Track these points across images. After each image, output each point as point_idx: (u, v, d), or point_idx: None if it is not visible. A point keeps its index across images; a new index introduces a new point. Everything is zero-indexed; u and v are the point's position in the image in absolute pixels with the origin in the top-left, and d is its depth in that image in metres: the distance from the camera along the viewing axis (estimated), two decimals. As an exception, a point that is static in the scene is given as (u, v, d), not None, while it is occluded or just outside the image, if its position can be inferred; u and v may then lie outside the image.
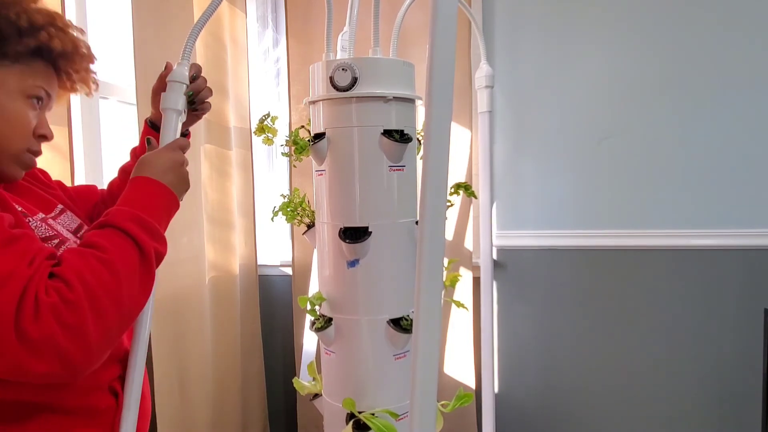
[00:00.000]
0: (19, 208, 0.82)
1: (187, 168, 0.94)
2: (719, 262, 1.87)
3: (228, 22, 2.05)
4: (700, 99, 1.86)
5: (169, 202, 0.87)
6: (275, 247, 2.41)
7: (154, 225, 0.80)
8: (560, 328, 2.03)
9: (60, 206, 0.95)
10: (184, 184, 0.92)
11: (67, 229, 0.91)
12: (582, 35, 1.94)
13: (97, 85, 0.96)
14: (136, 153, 1.09)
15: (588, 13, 1.93)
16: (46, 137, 0.87)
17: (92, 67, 0.93)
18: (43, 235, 0.82)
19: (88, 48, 0.91)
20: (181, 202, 0.93)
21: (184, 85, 1.00)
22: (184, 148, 0.96)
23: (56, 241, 0.83)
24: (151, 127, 1.07)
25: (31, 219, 0.83)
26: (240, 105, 2.16)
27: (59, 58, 0.86)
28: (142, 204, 0.82)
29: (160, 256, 0.81)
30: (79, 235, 0.93)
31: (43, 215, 0.88)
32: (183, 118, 1.02)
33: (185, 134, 1.09)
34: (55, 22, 0.83)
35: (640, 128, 1.91)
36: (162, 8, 1.68)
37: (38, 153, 0.88)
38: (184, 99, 1.00)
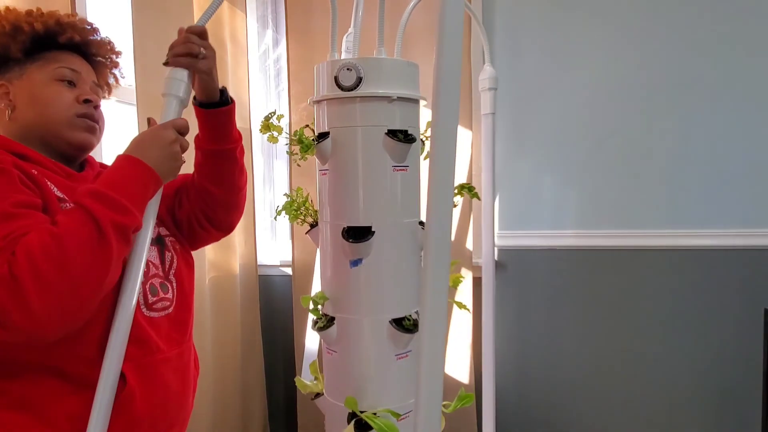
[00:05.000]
0: (59, 194, 0.89)
1: (183, 147, 0.96)
2: (719, 262, 1.88)
3: (228, 21, 2.04)
4: (700, 99, 1.86)
5: (143, 177, 0.88)
6: (275, 246, 2.41)
7: (114, 197, 0.82)
8: (560, 327, 2.03)
9: None
10: (171, 161, 0.93)
11: None
12: (582, 35, 1.95)
13: (114, 50, 1.09)
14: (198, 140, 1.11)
15: (588, 14, 1.94)
16: (90, 100, 0.98)
17: (99, 38, 1.06)
18: None
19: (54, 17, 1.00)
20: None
21: (186, 77, 0.99)
22: (179, 128, 0.95)
23: None
24: (199, 106, 1.06)
25: (68, 204, 0.89)
26: (240, 105, 2.15)
27: (59, 39, 0.98)
28: (110, 180, 0.85)
29: (120, 227, 0.82)
30: None
31: None
32: (186, 104, 1.01)
33: (222, 95, 1.07)
34: (59, 20, 0.98)
35: (640, 128, 1.91)
36: (162, 8, 1.68)
37: (91, 115, 0.99)
38: (186, 85, 0.99)
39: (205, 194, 1.10)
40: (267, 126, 1.31)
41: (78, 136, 0.97)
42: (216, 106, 1.06)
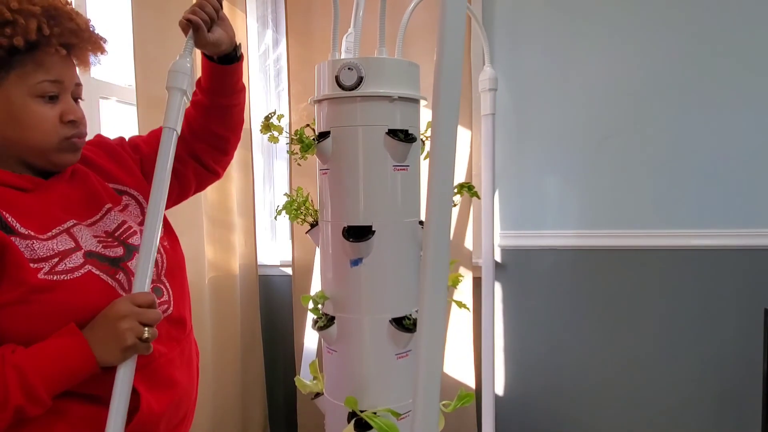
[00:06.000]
0: (24, 230, 0.83)
1: (129, 325, 0.83)
2: (719, 262, 1.88)
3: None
4: (701, 99, 1.87)
5: (75, 363, 0.81)
6: (275, 246, 2.41)
7: (35, 386, 0.78)
8: (560, 327, 2.04)
9: (108, 205, 0.97)
10: (116, 342, 0.82)
11: (97, 236, 0.93)
12: (582, 36, 1.95)
13: (96, 43, 0.95)
14: (200, 84, 1.11)
15: (588, 14, 1.94)
16: (74, 121, 0.89)
17: (70, 22, 0.89)
18: (44, 255, 0.84)
19: (55, 16, 0.87)
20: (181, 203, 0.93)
21: (190, 69, 0.99)
22: (139, 303, 0.84)
23: (56, 260, 0.84)
24: (209, 59, 1.07)
25: (35, 241, 0.84)
26: (240, 105, 2.15)
27: (39, 44, 0.85)
28: (43, 355, 0.80)
29: (21, 413, 0.79)
30: (116, 235, 0.95)
31: (74, 221, 0.91)
32: (187, 103, 1.02)
33: (236, 50, 1.08)
34: (4, 16, 0.81)
35: (641, 128, 1.91)
36: (162, 8, 1.68)
37: (79, 135, 0.91)
38: (189, 77, 0.99)
39: (212, 136, 1.12)
40: (267, 126, 1.31)
41: (65, 159, 0.91)
42: (225, 61, 1.07)
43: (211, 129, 1.12)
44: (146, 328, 0.83)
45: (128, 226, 0.98)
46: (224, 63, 1.07)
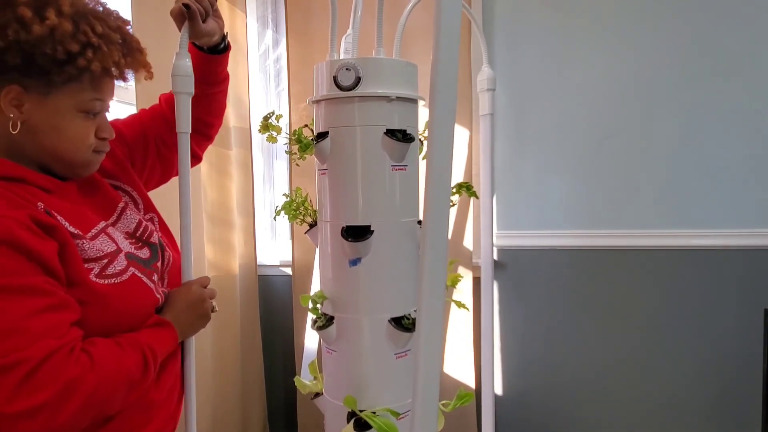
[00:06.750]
0: (73, 230, 0.85)
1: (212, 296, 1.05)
2: (719, 262, 1.87)
3: (228, 21, 2.05)
4: (700, 99, 1.86)
5: (172, 345, 0.96)
6: (275, 246, 2.41)
7: (158, 356, 0.90)
8: (559, 327, 2.04)
9: (121, 204, 0.99)
10: (202, 319, 1.03)
11: (126, 233, 0.95)
12: (582, 35, 1.95)
13: (150, 71, 0.97)
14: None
15: (588, 14, 1.94)
16: (105, 138, 0.92)
17: (140, 54, 0.93)
18: (94, 255, 0.86)
19: (130, 47, 0.90)
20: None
21: (190, 70, 1.02)
22: (204, 284, 1.05)
23: (105, 261, 0.86)
24: (198, 48, 1.10)
25: (84, 240, 0.85)
26: (240, 105, 2.16)
27: (108, 72, 0.88)
28: (156, 339, 0.91)
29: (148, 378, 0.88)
30: (138, 235, 0.97)
31: (104, 222, 0.93)
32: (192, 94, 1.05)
33: (224, 39, 1.11)
34: (90, 41, 0.83)
35: (640, 128, 1.91)
36: (162, 8, 1.68)
37: (105, 147, 0.93)
38: (191, 78, 1.02)
39: (199, 123, 1.14)
40: (266, 126, 1.32)
41: (86, 171, 0.92)
42: (213, 51, 1.11)
43: (199, 116, 1.12)
44: (213, 302, 1.06)
45: (145, 226, 1.00)
46: (213, 53, 1.10)
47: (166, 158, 1.14)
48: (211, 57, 1.10)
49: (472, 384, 2.07)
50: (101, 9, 0.89)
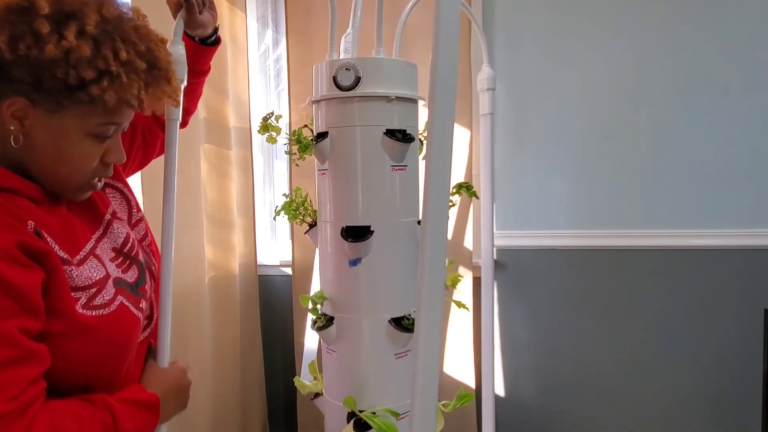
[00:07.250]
0: (62, 254, 0.79)
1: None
2: (719, 262, 1.87)
3: (228, 21, 2.04)
4: (700, 99, 1.86)
5: (151, 426, 0.90)
6: (275, 246, 2.41)
7: None
8: (560, 327, 2.03)
9: (108, 216, 0.92)
10: (182, 408, 0.98)
11: (113, 248, 0.89)
12: (582, 35, 1.94)
13: (177, 99, 0.89)
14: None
15: (588, 14, 1.94)
16: (110, 164, 0.85)
17: (167, 84, 0.83)
18: (82, 284, 0.80)
19: (156, 77, 0.81)
20: (181, 203, 0.93)
21: (184, 57, 1.03)
22: (189, 368, 1.02)
23: (93, 290, 0.81)
24: (189, 38, 1.12)
25: (72, 267, 0.80)
26: (240, 105, 2.16)
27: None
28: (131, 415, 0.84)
29: None
30: (125, 251, 0.91)
31: (93, 239, 0.86)
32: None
33: (215, 32, 1.14)
34: (109, 69, 0.74)
35: (640, 128, 1.91)
36: (162, 8, 1.68)
37: (107, 175, 0.86)
38: (185, 66, 1.03)
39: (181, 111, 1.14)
40: (265, 127, 1.31)
41: (78, 197, 0.86)
42: (203, 43, 1.13)
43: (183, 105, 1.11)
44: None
45: (133, 241, 0.94)
46: (204, 44, 1.13)
47: (149, 144, 1.14)
48: (202, 48, 1.13)
49: (472, 384, 2.07)
50: (138, 26, 0.80)
